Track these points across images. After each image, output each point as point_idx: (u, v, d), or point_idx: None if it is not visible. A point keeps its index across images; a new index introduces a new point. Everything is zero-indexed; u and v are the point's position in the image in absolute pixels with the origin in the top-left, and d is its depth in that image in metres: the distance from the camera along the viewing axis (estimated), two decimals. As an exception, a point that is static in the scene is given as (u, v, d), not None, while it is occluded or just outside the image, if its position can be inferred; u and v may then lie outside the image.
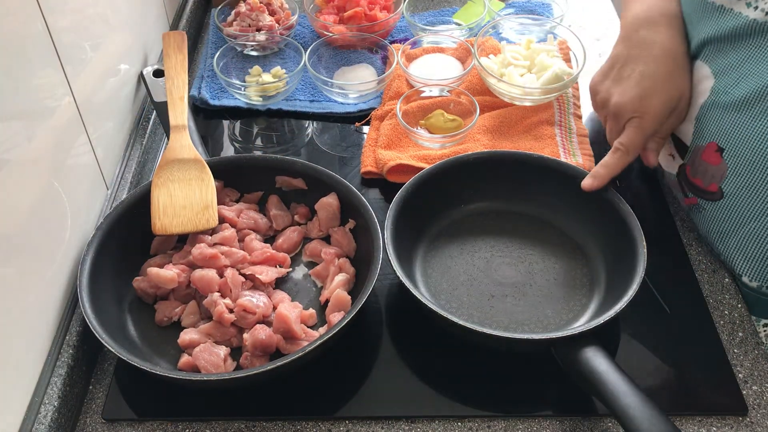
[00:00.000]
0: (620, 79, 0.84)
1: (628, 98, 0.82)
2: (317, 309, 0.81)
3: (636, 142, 0.83)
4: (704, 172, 0.82)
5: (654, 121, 0.82)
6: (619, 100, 0.83)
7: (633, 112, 0.82)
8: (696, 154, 0.82)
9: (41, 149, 0.74)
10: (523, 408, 0.74)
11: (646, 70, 0.82)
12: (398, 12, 1.19)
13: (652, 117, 0.82)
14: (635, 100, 0.82)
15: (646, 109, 0.81)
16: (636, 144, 0.83)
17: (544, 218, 0.90)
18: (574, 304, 0.81)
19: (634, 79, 0.82)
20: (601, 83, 0.87)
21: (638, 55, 0.83)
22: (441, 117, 1.02)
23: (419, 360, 0.78)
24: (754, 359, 0.78)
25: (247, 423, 0.74)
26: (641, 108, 0.82)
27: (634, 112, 0.82)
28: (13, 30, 0.69)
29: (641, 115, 0.82)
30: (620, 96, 0.83)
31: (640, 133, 0.82)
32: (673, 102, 0.82)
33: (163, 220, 0.84)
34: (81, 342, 0.76)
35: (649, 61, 0.82)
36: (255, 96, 1.08)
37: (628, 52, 0.84)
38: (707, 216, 0.84)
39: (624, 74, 0.84)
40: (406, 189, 0.85)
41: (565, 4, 1.21)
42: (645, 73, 0.82)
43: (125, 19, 1.01)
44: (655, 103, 0.81)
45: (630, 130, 0.83)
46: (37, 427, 0.69)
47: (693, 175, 0.83)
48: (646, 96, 0.81)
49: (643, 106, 0.82)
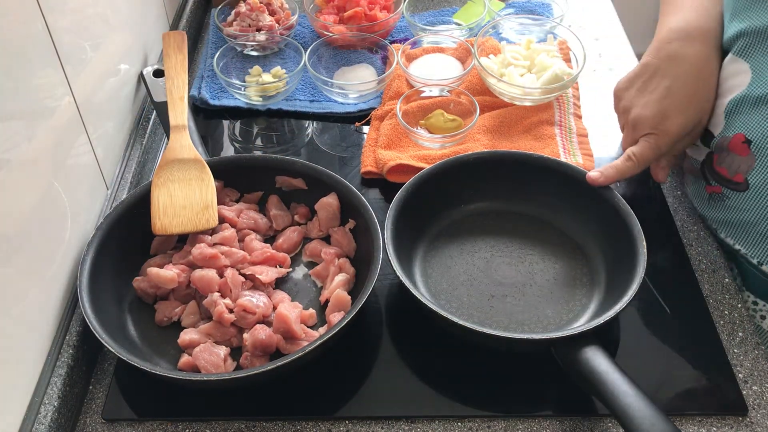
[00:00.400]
0: (644, 91, 0.84)
1: (648, 113, 0.83)
2: (317, 309, 0.81)
3: (648, 157, 0.84)
4: (731, 162, 0.82)
5: (669, 141, 0.83)
6: (640, 113, 0.83)
7: (651, 128, 0.83)
8: (722, 143, 0.82)
9: (41, 149, 0.74)
10: (523, 408, 0.74)
11: (672, 87, 0.82)
12: (398, 12, 1.19)
13: (668, 137, 0.82)
14: (655, 117, 0.82)
15: (664, 128, 0.82)
16: (647, 159, 0.84)
17: (544, 218, 0.90)
18: (574, 304, 0.81)
19: (658, 93, 0.83)
20: (625, 90, 0.87)
21: (666, 69, 0.83)
22: (441, 117, 1.02)
23: (419, 360, 0.78)
24: (754, 359, 0.78)
25: (247, 423, 0.74)
26: (659, 126, 0.82)
27: (651, 129, 0.83)
28: (13, 30, 0.69)
29: (658, 133, 0.82)
30: (641, 109, 0.84)
31: (653, 150, 0.83)
32: (691, 125, 0.83)
33: (163, 220, 0.84)
34: (81, 342, 0.76)
35: (676, 78, 0.82)
36: (255, 96, 1.08)
37: (658, 64, 0.84)
38: (730, 205, 0.84)
39: (649, 87, 0.84)
40: (406, 189, 0.85)
41: (565, 4, 1.21)
42: (670, 90, 0.82)
43: (125, 19, 1.01)
44: (674, 124, 0.82)
45: (644, 144, 0.83)
46: (37, 427, 0.69)
47: (719, 164, 0.83)
48: (667, 116, 0.82)
49: (661, 125, 0.82)
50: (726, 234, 0.86)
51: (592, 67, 1.18)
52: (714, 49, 0.84)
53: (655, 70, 0.84)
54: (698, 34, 0.83)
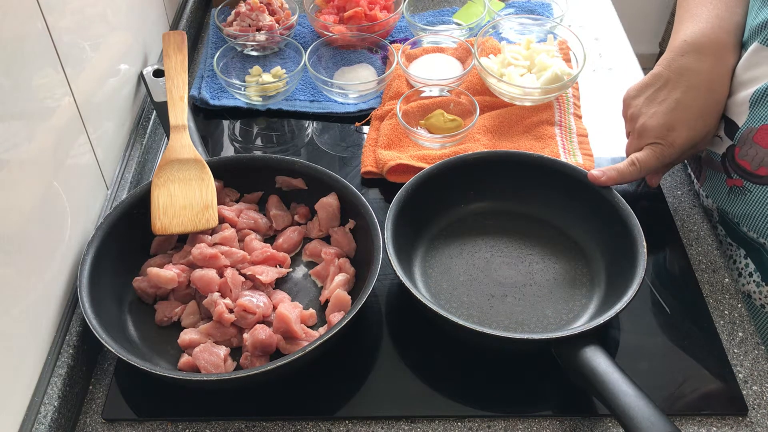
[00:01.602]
0: (653, 101, 0.84)
1: (655, 123, 0.83)
2: (317, 309, 0.81)
3: (650, 165, 0.84)
4: (754, 155, 0.82)
5: (674, 153, 0.83)
6: (647, 122, 0.84)
7: (657, 138, 0.83)
8: (747, 135, 0.82)
9: (41, 149, 0.74)
10: (523, 408, 0.74)
11: (682, 100, 0.82)
12: (398, 12, 1.19)
13: (673, 149, 0.83)
14: (662, 128, 0.82)
15: (671, 140, 0.82)
16: (650, 166, 0.84)
17: (544, 218, 0.90)
18: (574, 304, 0.81)
19: (666, 105, 0.83)
20: (634, 99, 0.87)
21: (677, 81, 0.83)
22: (441, 117, 1.02)
23: (419, 360, 0.78)
24: (754, 359, 0.78)
25: (247, 423, 0.74)
26: (666, 138, 0.82)
27: (657, 139, 0.83)
28: (13, 30, 0.69)
29: (664, 144, 0.83)
30: (649, 118, 0.84)
31: (657, 159, 0.83)
32: (698, 139, 0.83)
33: (163, 220, 0.84)
34: (81, 342, 0.76)
35: (687, 92, 0.82)
36: (255, 96, 1.08)
37: (669, 75, 0.84)
38: (752, 198, 0.84)
39: (659, 97, 0.84)
40: (406, 189, 0.85)
41: (565, 4, 1.22)
42: (679, 103, 0.82)
43: (125, 19, 1.01)
44: (680, 136, 0.82)
45: (649, 152, 0.83)
46: (37, 427, 0.69)
47: (741, 157, 0.83)
48: (674, 128, 0.82)
49: (668, 136, 0.82)
50: (749, 227, 0.86)
51: (592, 67, 1.18)
52: (726, 65, 0.84)
53: (666, 81, 0.84)
54: (712, 49, 0.83)
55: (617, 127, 0.93)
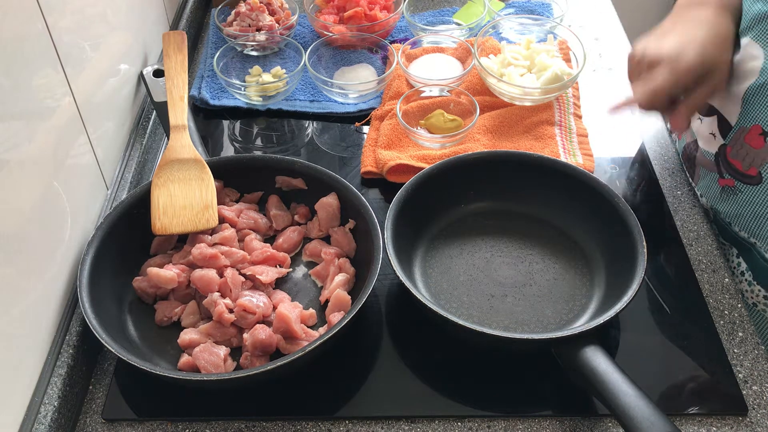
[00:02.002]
0: (662, 39, 0.82)
1: (665, 49, 0.80)
2: (317, 309, 0.81)
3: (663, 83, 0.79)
4: (745, 155, 0.82)
5: (686, 68, 0.79)
6: (657, 49, 0.81)
7: (668, 61, 0.79)
8: (739, 135, 0.82)
9: (41, 149, 0.74)
10: (523, 408, 0.74)
11: (688, 34, 0.81)
12: (398, 12, 1.19)
13: (685, 65, 0.78)
14: (671, 51, 0.79)
15: (681, 58, 0.79)
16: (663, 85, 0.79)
17: (544, 218, 0.90)
18: (574, 304, 0.81)
19: (674, 37, 0.81)
20: (641, 43, 0.85)
21: (684, 24, 0.83)
22: (441, 117, 1.02)
23: (419, 360, 0.78)
24: (754, 359, 0.78)
25: (247, 423, 0.74)
26: (676, 57, 0.79)
27: (669, 61, 0.79)
28: (13, 30, 0.69)
29: (677, 61, 0.79)
30: (658, 48, 0.81)
31: (671, 75, 0.78)
32: (709, 64, 0.79)
33: (163, 220, 0.84)
34: (81, 342, 0.76)
35: (695, 28, 0.81)
36: (255, 96, 1.08)
37: (673, 21, 0.84)
38: (743, 198, 0.84)
39: (668, 36, 0.82)
40: (406, 189, 0.85)
41: (565, 4, 1.22)
42: (687, 36, 0.81)
43: (125, 19, 1.01)
44: (690, 55, 0.78)
45: (661, 70, 0.79)
46: (37, 427, 0.69)
47: (733, 157, 0.83)
48: (683, 51, 0.79)
49: (678, 55, 0.79)
50: (740, 227, 0.86)
51: (592, 67, 1.18)
52: (728, 16, 0.83)
53: (673, 25, 0.84)
54: (713, 3, 0.83)
55: (617, 127, 0.93)
